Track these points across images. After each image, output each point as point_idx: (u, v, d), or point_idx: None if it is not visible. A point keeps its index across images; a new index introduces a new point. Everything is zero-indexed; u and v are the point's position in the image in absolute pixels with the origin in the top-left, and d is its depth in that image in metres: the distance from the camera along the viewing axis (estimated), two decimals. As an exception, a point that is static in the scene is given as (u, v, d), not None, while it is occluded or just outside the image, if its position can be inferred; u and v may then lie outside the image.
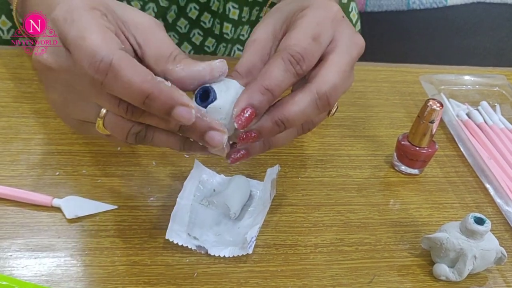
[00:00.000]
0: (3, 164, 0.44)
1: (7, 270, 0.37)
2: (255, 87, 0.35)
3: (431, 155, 0.50)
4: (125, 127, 0.35)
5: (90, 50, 0.31)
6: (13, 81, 0.53)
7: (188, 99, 0.33)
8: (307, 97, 0.36)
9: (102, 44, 0.31)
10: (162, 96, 0.31)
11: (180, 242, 0.40)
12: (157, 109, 0.32)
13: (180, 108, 0.32)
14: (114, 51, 0.31)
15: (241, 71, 0.37)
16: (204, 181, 0.45)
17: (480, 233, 0.40)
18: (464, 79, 0.63)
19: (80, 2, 0.33)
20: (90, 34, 0.32)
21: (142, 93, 0.31)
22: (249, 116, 0.34)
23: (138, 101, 0.32)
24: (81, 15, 0.33)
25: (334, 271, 0.41)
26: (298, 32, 0.36)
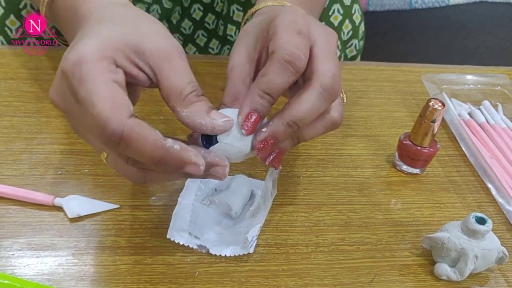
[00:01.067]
0: (5, 164, 0.45)
1: (9, 269, 0.37)
2: (254, 92, 0.36)
3: (432, 154, 0.50)
4: (126, 171, 0.36)
5: (100, 121, 0.32)
6: (16, 81, 0.53)
7: (196, 157, 0.34)
8: (313, 93, 0.36)
9: (112, 115, 0.32)
10: (172, 160, 0.33)
11: (181, 241, 0.40)
12: (168, 169, 0.34)
13: (189, 167, 0.34)
14: (124, 121, 0.32)
15: (228, 102, 0.38)
16: (206, 181, 0.45)
17: (481, 232, 0.40)
18: (466, 78, 0.63)
19: (90, 53, 0.33)
20: (99, 101, 0.32)
21: (153, 160, 0.33)
22: (254, 120, 0.36)
23: (150, 165, 0.34)
24: (89, 72, 0.32)
25: (335, 271, 0.41)
26: (282, 32, 0.36)
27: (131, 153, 0.33)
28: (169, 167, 0.33)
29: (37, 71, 0.54)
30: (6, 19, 0.60)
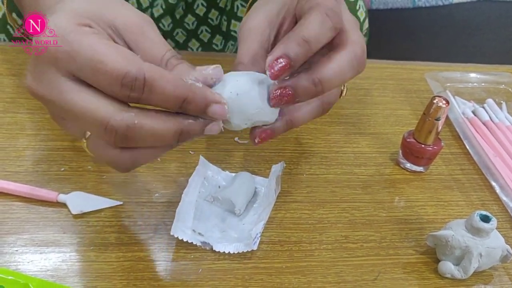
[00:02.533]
0: (8, 160, 0.45)
1: (12, 265, 0.37)
2: (292, 38, 0.33)
3: (436, 152, 0.50)
4: (110, 155, 0.33)
5: (117, 71, 0.30)
6: (19, 77, 0.53)
7: (219, 96, 0.33)
8: (345, 57, 0.35)
9: (127, 62, 0.30)
10: (196, 97, 0.32)
11: (185, 238, 0.40)
12: (193, 110, 0.32)
13: (214, 106, 0.32)
14: (142, 65, 0.31)
15: (247, 62, 0.36)
16: (209, 178, 0.45)
17: (485, 230, 0.40)
18: (470, 76, 0.63)
19: (68, 24, 0.31)
20: (106, 55, 0.30)
21: (179, 99, 0.31)
22: (283, 66, 0.32)
23: (175, 107, 0.32)
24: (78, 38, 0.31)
25: (339, 268, 0.41)
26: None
27: (156, 99, 0.31)
28: (194, 106, 0.32)
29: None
30: None
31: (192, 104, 0.32)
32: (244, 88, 0.34)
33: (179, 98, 0.31)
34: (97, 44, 0.31)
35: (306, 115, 0.38)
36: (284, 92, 0.34)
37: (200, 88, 0.32)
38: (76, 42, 0.31)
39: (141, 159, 0.34)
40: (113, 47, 0.31)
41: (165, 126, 0.32)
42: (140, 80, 0.30)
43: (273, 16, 0.38)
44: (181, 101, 0.31)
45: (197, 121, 0.33)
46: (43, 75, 0.32)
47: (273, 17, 0.38)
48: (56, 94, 0.32)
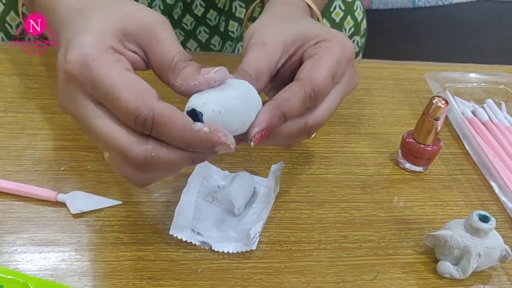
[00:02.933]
0: (8, 159, 0.45)
1: (12, 264, 0.38)
2: (275, 112, 0.36)
3: (435, 152, 0.50)
4: (129, 171, 0.35)
5: (131, 111, 0.32)
6: (20, 77, 0.53)
7: (225, 136, 0.33)
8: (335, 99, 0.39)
9: (140, 102, 0.32)
10: (202, 143, 0.33)
11: (184, 237, 0.40)
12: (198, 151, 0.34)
13: (219, 147, 0.34)
14: (153, 106, 0.32)
15: (252, 75, 0.37)
16: (208, 177, 0.45)
17: (484, 231, 0.40)
18: (470, 76, 0.63)
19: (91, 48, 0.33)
20: (121, 93, 0.32)
21: (185, 143, 0.33)
22: (263, 134, 0.36)
23: (183, 147, 0.34)
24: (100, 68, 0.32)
25: (337, 268, 0.41)
26: (322, 68, 0.38)
27: (163, 138, 0.33)
28: (200, 149, 0.33)
29: (41, 68, 0.54)
30: (6, 15, 0.60)
31: (198, 148, 0.33)
32: (226, 105, 0.34)
33: (186, 143, 0.33)
34: (115, 79, 0.32)
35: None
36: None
37: (206, 134, 0.33)
38: (98, 73, 0.32)
39: (157, 178, 0.37)
40: (129, 82, 0.33)
41: (180, 156, 0.34)
42: (149, 122, 0.32)
43: (289, 42, 0.39)
44: (187, 146, 0.33)
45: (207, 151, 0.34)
46: (71, 95, 0.34)
47: (289, 45, 0.39)
48: (82, 116, 0.34)
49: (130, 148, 0.33)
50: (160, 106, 0.32)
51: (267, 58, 0.38)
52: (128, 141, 0.33)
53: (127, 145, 0.33)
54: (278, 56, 0.39)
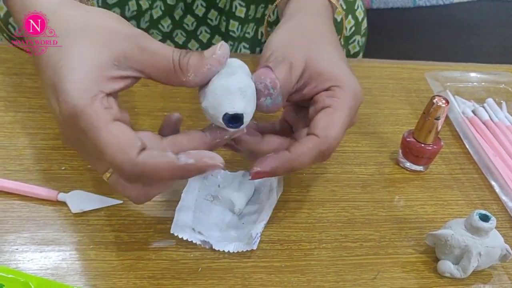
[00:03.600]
0: (9, 159, 0.45)
1: (13, 263, 0.38)
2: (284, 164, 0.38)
3: (436, 152, 0.50)
4: (129, 192, 0.37)
5: (115, 165, 0.34)
6: (20, 76, 0.53)
7: (212, 160, 0.35)
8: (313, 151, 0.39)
9: (123, 158, 0.33)
10: (192, 173, 0.35)
11: (185, 237, 0.40)
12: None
13: (209, 171, 0.35)
14: (135, 161, 0.33)
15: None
16: (209, 177, 0.45)
17: (485, 230, 0.40)
18: (470, 76, 0.63)
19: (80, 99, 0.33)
20: (107, 147, 0.33)
21: (174, 179, 0.35)
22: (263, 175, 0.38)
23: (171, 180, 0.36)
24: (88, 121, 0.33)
25: (338, 267, 0.41)
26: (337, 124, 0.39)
27: (153, 181, 0.35)
28: (190, 177, 0.36)
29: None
30: (9, 16, 0.60)
31: (188, 177, 0.36)
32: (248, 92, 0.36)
33: (175, 178, 0.35)
34: (102, 132, 0.33)
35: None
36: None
37: (193, 165, 0.34)
38: (86, 125, 0.34)
39: (153, 194, 0.38)
40: (114, 137, 0.34)
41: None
42: (134, 176, 0.34)
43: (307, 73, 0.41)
44: (179, 178, 0.35)
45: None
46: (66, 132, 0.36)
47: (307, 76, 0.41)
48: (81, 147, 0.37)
49: (124, 168, 0.34)
50: (143, 158, 0.33)
51: (292, 80, 0.39)
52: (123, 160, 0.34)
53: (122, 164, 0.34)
54: (297, 79, 0.40)
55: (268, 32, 0.50)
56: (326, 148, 0.39)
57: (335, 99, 0.40)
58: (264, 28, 0.55)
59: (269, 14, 0.53)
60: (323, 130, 0.39)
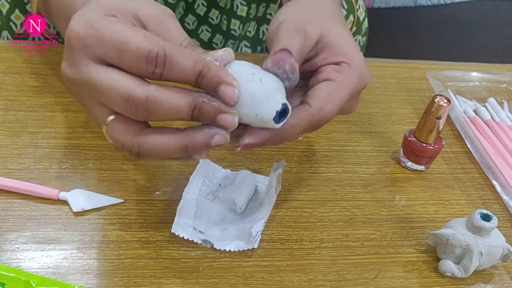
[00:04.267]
0: (10, 158, 0.45)
1: (14, 262, 0.38)
2: (275, 136, 0.36)
3: (437, 151, 0.50)
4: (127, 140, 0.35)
5: (142, 50, 0.33)
6: (21, 75, 0.53)
7: (232, 78, 0.34)
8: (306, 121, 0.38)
9: (150, 41, 0.33)
10: (210, 73, 0.33)
11: (186, 236, 0.40)
12: (206, 86, 0.34)
13: (224, 87, 0.33)
14: (163, 43, 0.33)
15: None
16: (210, 176, 0.45)
17: (486, 229, 0.40)
18: (472, 75, 0.63)
19: (95, 14, 0.34)
20: (130, 37, 0.33)
21: (195, 73, 0.33)
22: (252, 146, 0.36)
23: (191, 80, 0.34)
24: (107, 25, 0.34)
25: (339, 266, 0.41)
26: (334, 101, 0.38)
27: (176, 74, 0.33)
28: (207, 82, 0.33)
29: (42, 66, 0.54)
30: (11, 14, 0.60)
31: (206, 80, 0.33)
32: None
33: (196, 72, 0.33)
34: (122, 29, 0.33)
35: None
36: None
37: (215, 65, 0.34)
38: (103, 28, 0.33)
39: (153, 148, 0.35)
40: (136, 30, 0.34)
41: (182, 99, 0.33)
42: (162, 56, 0.33)
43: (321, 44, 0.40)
44: (197, 75, 0.33)
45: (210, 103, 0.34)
46: (74, 61, 0.35)
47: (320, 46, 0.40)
48: (85, 76, 0.35)
49: (132, 89, 0.33)
50: (169, 43, 0.33)
51: (305, 49, 0.39)
52: (130, 84, 0.33)
53: (129, 86, 0.33)
54: (309, 49, 0.39)
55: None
56: (317, 120, 0.37)
57: (341, 75, 0.38)
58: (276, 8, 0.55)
59: (275, 10, 0.53)
60: (319, 102, 0.37)
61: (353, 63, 0.39)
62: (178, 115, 0.34)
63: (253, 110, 0.34)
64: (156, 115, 0.34)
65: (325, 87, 0.38)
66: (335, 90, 0.38)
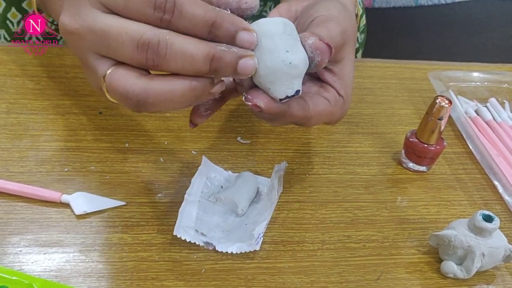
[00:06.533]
0: (12, 161, 0.45)
1: (16, 265, 0.38)
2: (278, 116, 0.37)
3: (439, 152, 0.50)
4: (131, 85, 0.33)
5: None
6: (22, 78, 0.53)
7: (247, 24, 0.33)
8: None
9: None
10: (225, 22, 0.32)
11: (188, 238, 0.40)
12: (222, 36, 0.32)
13: (242, 33, 0.33)
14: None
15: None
16: (212, 178, 0.46)
17: (488, 230, 0.40)
18: (473, 75, 0.63)
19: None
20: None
21: (207, 23, 0.32)
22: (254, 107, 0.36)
23: (204, 31, 0.32)
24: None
25: (341, 268, 0.41)
26: (321, 117, 0.40)
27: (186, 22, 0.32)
28: (223, 31, 0.32)
29: (43, 68, 0.54)
30: (8, 12, 0.60)
31: (221, 29, 0.32)
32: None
33: (208, 22, 0.32)
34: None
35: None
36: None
37: (229, 14, 0.33)
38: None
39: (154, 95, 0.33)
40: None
41: (197, 46, 0.32)
42: (170, 2, 0.31)
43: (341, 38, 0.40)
44: (210, 25, 0.32)
45: (229, 50, 0.32)
46: (77, 9, 0.34)
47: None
48: (90, 23, 0.33)
49: (144, 32, 0.32)
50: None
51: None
52: (141, 28, 0.32)
53: (140, 29, 0.32)
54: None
55: None
56: (302, 119, 0.38)
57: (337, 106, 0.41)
58: None
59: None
60: (313, 111, 0.39)
61: (345, 104, 0.42)
62: (193, 64, 0.32)
63: (268, 84, 0.34)
64: (168, 63, 0.32)
65: (324, 104, 0.40)
66: (326, 113, 0.40)
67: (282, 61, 0.34)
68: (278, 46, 0.34)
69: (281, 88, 0.35)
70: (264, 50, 0.33)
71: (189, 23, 0.32)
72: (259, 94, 0.35)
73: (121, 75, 0.33)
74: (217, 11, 0.32)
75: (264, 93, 0.35)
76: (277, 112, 0.36)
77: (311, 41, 0.35)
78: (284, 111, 0.36)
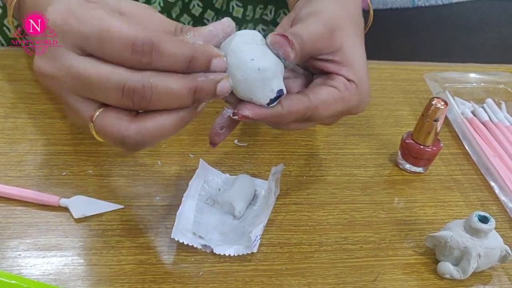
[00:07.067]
0: (10, 165, 0.45)
1: (15, 269, 0.38)
2: (272, 119, 0.37)
3: (435, 153, 0.50)
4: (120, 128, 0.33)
5: (126, 37, 0.31)
6: (20, 82, 0.53)
7: (217, 51, 0.34)
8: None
9: (134, 29, 0.31)
10: (200, 55, 0.33)
11: (185, 241, 0.40)
12: (199, 67, 0.33)
13: (215, 60, 0.33)
14: (147, 30, 0.32)
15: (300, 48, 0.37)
16: (209, 181, 0.46)
17: (484, 231, 0.40)
18: (469, 76, 0.63)
19: (75, 0, 0.33)
20: (113, 25, 0.31)
21: (186, 59, 0.32)
22: (244, 119, 0.36)
23: (183, 67, 0.33)
24: (87, 12, 0.32)
25: (338, 270, 0.41)
26: (330, 107, 0.38)
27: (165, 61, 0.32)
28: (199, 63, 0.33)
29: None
30: (4, 18, 0.60)
31: (198, 62, 0.33)
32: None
33: (187, 58, 0.32)
34: (103, 15, 0.32)
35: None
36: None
37: (202, 45, 0.33)
38: (83, 14, 0.32)
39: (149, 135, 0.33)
40: (119, 17, 0.32)
41: (178, 83, 0.32)
42: (148, 44, 0.31)
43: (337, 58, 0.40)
44: (188, 61, 0.32)
45: (208, 78, 0.33)
46: (52, 52, 0.33)
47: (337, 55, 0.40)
48: (66, 69, 0.33)
49: (127, 78, 0.32)
50: (155, 31, 0.32)
51: (321, 45, 0.38)
52: (123, 74, 0.32)
53: (123, 76, 0.32)
54: (328, 52, 0.39)
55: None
56: (308, 116, 0.38)
57: (347, 91, 0.39)
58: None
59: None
60: (318, 101, 0.38)
61: (360, 88, 0.40)
62: (178, 100, 0.33)
63: (248, 95, 0.35)
64: (154, 103, 0.32)
65: (329, 92, 0.38)
66: (336, 100, 0.38)
67: (251, 70, 0.34)
68: (242, 58, 0.34)
69: (262, 94, 0.35)
70: (234, 67, 0.35)
71: (168, 62, 0.32)
72: (244, 105, 0.36)
73: (112, 120, 0.33)
74: (191, 45, 0.33)
75: (249, 102, 0.36)
76: (271, 116, 0.36)
77: (269, 40, 0.36)
78: (278, 112, 0.36)
